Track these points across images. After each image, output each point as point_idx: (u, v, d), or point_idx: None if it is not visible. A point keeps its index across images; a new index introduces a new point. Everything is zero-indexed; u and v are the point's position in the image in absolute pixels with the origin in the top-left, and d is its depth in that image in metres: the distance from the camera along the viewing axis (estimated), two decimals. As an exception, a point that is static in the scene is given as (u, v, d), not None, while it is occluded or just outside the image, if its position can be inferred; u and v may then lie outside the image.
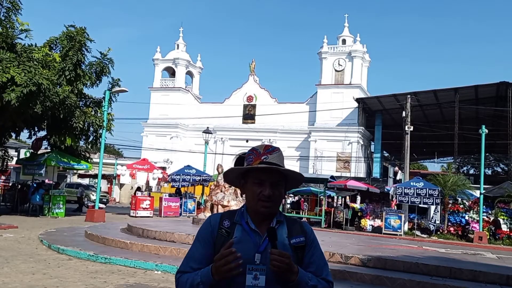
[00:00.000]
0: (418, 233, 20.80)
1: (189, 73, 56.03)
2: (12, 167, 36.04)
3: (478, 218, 20.67)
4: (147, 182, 28.67)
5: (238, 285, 1.80)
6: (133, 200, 23.92)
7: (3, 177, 34.01)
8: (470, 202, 22.43)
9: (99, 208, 25.51)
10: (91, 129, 20.72)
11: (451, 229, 20.87)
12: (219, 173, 14.94)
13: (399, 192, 20.98)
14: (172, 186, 26.87)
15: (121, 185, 40.07)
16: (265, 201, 1.90)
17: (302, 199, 29.98)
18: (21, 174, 24.61)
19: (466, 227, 20.97)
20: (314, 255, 1.95)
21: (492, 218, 21.14)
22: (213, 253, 1.87)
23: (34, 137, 22.41)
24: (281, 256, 1.75)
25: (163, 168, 33.84)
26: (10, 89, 16.04)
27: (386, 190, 25.40)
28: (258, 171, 1.92)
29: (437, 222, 21.68)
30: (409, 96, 26.19)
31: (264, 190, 1.89)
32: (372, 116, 45.10)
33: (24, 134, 23.24)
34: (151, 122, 53.29)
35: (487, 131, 22.43)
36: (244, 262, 1.76)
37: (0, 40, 17.40)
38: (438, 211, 21.84)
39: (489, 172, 58.50)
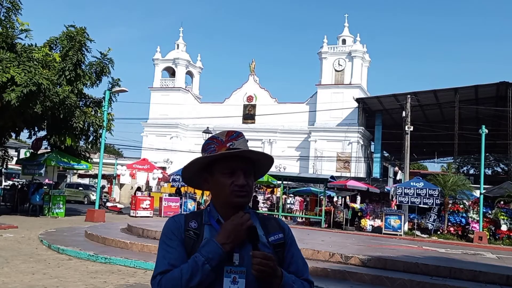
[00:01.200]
0: (418, 233, 20.78)
1: (189, 73, 56.04)
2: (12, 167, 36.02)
3: (478, 218, 20.66)
4: (147, 182, 28.65)
5: None
6: (133, 200, 23.92)
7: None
8: (470, 202, 22.42)
9: (118, 208, 26.04)
10: (91, 129, 20.70)
11: (451, 229, 20.85)
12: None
13: (399, 192, 20.98)
14: (172, 186, 26.86)
15: (121, 185, 40.02)
16: (240, 191, 1.67)
17: (302, 199, 29.97)
18: (21, 174, 24.61)
19: (466, 227, 20.96)
20: (294, 255, 1.78)
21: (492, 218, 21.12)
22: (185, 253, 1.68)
23: (34, 137, 22.39)
24: (265, 259, 1.56)
25: (163, 168, 33.83)
26: (10, 89, 16.03)
27: (386, 190, 25.41)
28: (227, 160, 1.69)
29: (432, 221, 21.63)
30: (409, 96, 26.19)
31: (237, 180, 1.67)
32: (372, 116, 45.10)
33: (24, 134, 23.23)
34: (151, 122, 53.32)
35: (487, 131, 22.43)
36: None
37: (0, 40, 17.40)
38: (435, 211, 21.80)
39: (489, 172, 58.54)
